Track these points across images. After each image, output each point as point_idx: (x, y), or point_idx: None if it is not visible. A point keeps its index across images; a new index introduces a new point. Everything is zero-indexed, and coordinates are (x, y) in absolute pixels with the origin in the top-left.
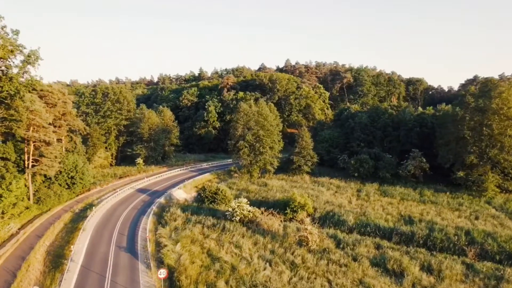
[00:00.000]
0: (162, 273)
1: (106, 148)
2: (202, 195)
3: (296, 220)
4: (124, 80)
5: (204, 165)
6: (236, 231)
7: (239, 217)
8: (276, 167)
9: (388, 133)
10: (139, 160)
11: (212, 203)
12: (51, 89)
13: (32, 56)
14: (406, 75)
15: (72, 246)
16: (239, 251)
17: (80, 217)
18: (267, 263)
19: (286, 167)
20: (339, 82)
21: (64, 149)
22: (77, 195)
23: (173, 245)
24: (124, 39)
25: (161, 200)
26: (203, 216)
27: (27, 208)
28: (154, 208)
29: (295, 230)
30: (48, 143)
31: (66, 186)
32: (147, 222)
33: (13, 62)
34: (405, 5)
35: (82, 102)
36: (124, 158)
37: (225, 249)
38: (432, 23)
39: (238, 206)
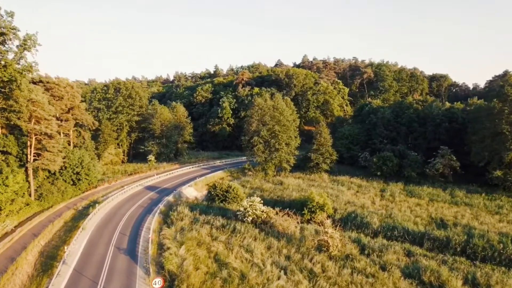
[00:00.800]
0: (158, 282)
1: (118, 144)
2: (213, 193)
3: (315, 222)
4: (141, 79)
5: (217, 162)
6: (247, 233)
7: (251, 218)
8: (292, 165)
9: (413, 129)
10: (151, 157)
11: (223, 202)
12: (58, 81)
13: (29, 41)
14: (428, 72)
15: (66, 247)
16: (250, 256)
17: (82, 215)
18: (282, 271)
19: (303, 165)
20: (359, 78)
21: (72, 144)
22: (83, 192)
23: (177, 248)
24: (140, 38)
25: (170, 198)
26: (212, 216)
27: (27, 204)
28: (161, 206)
29: (314, 233)
30: (50, 136)
31: (71, 182)
32: (152, 221)
33: (9, 47)
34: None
35: (94, 97)
36: (136, 155)
37: (234, 254)
38: (454, 19)
39: (250, 205)
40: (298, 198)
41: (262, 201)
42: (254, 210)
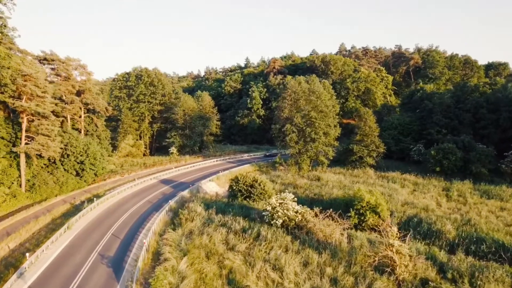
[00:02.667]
0: None
1: (139, 136)
2: (234, 188)
3: (366, 228)
4: (172, 75)
5: (245, 156)
6: (275, 242)
7: (281, 220)
8: (331, 158)
9: (481, 116)
10: (173, 149)
11: (247, 199)
12: (66, 59)
13: None
14: (482, 61)
15: (27, 254)
16: (279, 276)
17: (78, 210)
18: None
19: (343, 159)
20: (405, 65)
21: (83, 132)
22: (89, 184)
23: (178, 259)
24: (172, 34)
25: (185, 193)
26: (231, 217)
27: (14, 196)
28: (172, 203)
29: (367, 243)
30: (44, 117)
31: (74, 173)
32: (156, 221)
33: None
34: None
35: (115, 86)
36: (159, 148)
37: (256, 272)
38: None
39: (280, 204)
40: (341, 197)
41: (295, 199)
42: (285, 211)
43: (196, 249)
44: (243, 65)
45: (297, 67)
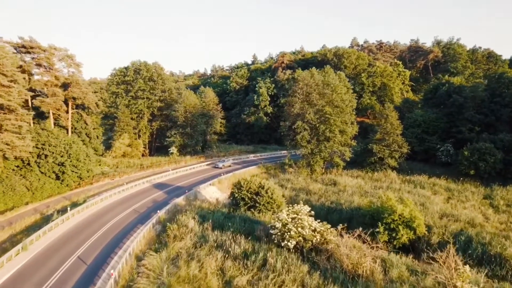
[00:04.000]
0: None
1: (138, 135)
2: (236, 195)
3: (399, 248)
4: (178, 74)
5: (251, 156)
6: (287, 274)
7: (294, 242)
8: (348, 160)
9: None
10: (173, 149)
11: (251, 209)
12: (49, 48)
13: None
14: (506, 55)
15: None
16: None
17: (48, 222)
18: None
19: (361, 161)
20: (423, 59)
21: (70, 130)
22: (72, 189)
23: None
24: (178, 33)
25: (180, 200)
26: (231, 233)
27: None
28: (162, 213)
29: (407, 273)
30: (11, 110)
31: (54, 176)
32: (138, 238)
33: None
34: None
35: (112, 81)
36: (159, 148)
37: None
38: None
39: (293, 219)
40: (366, 207)
41: (313, 213)
42: (299, 229)
43: (181, 283)
44: (250, 62)
45: (308, 62)
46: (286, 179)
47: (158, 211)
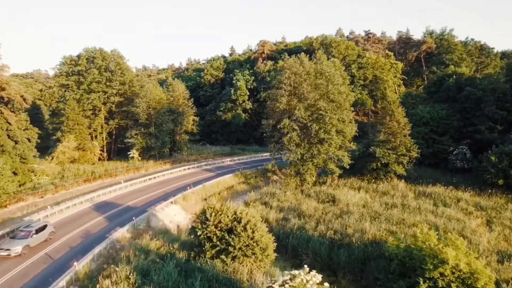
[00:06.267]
0: None
1: (92, 136)
2: (199, 233)
3: None
4: (151, 68)
5: (227, 160)
6: None
7: None
8: (347, 167)
9: None
10: (133, 153)
11: (223, 254)
12: None
13: None
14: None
15: None
16: None
17: None
18: None
19: (360, 167)
20: (415, 50)
21: None
22: None
23: None
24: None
25: (123, 231)
26: None
27: None
28: (85, 262)
29: None
30: None
31: None
32: None
33: None
34: None
35: (61, 71)
36: (121, 150)
37: None
38: None
39: None
40: (391, 246)
41: (327, 285)
42: None
43: None
44: (227, 55)
45: (291, 52)
46: (270, 194)
47: (90, 252)
